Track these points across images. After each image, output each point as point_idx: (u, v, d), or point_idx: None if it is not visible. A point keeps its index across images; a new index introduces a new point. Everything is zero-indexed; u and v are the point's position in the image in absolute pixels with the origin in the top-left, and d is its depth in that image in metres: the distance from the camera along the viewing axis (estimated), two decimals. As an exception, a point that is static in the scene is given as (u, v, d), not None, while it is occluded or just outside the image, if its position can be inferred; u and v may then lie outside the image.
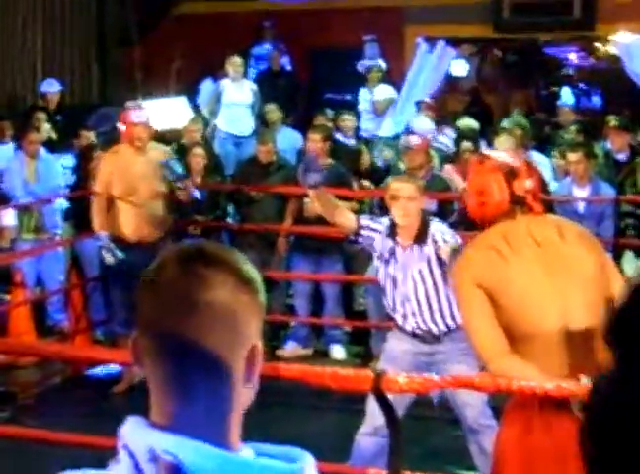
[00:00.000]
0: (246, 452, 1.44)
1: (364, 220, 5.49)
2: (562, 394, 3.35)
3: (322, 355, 8.19)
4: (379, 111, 11.02)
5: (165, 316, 1.41)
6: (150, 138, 7.53)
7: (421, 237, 5.31)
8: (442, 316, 5.30)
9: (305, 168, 5.35)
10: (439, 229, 5.35)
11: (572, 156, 8.09)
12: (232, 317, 1.42)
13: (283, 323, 8.64)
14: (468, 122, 10.21)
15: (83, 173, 8.46)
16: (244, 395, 1.46)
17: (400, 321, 5.36)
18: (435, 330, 5.30)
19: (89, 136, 9.44)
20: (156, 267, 1.45)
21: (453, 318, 5.27)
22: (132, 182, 7.34)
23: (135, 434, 1.41)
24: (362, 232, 5.40)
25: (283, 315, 8.52)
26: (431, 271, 5.29)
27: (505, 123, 9.82)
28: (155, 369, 1.43)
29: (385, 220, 5.43)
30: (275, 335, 8.48)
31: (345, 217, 5.46)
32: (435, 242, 5.26)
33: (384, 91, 11.25)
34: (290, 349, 8.27)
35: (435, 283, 5.31)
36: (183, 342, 1.40)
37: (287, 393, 6.29)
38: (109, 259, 7.35)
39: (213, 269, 1.43)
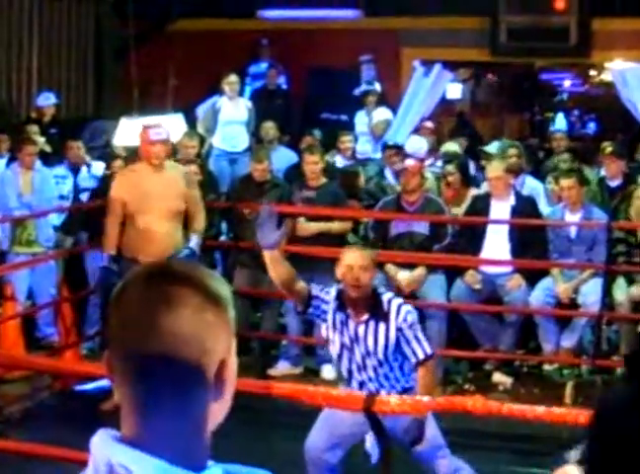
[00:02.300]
0: (214, 471, 1.44)
1: (315, 290, 5.26)
2: (551, 418, 3.35)
3: (313, 375, 8.17)
4: (377, 134, 11.03)
5: (129, 335, 1.42)
6: (168, 156, 7.37)
7: (377, 311, 5.18)
8: (396, 380, 5.26)
9: (260, 225, 5.00)
10: (395, 303, 5.21)
11: (565, 182, 8.11)
12: (197, 336, 1.41)
13: (275, 342, 8.62)
14: (451, 147, 10.28)
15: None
16: (215, 411, 1.46)
17: (349, 386, 5.30)
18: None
19: (78, 146, 9.45)
20: (122, 286, 1.46)
21: (407, 381, 5.28)
22: (146, 200, 7.16)
23: (100, 446, 1.42)
24: (313, 303, 5.22)
25: (275, 334, 8.51)
26: (386, 346, 5.17)
27: (495, 148, 9.87)
28: (122, 386, 1.43)
29: (333, 291, 5.26)
30: (266, 354, 8.47)
31: (299, 285, 5.22)
32: (396, 318, 5.14)
33: (382, 114, 11.27)
34: (281, 368, 8.25)
35: (388, 356, 5.20)
36: (147, 360, 1.40)
37: (277, 411, 6.29)
38: (110, 279, 7.26)
39: (178, 286, 1.43)
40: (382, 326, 5.16)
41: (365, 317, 5.18)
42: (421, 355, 5.16)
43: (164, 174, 7.29)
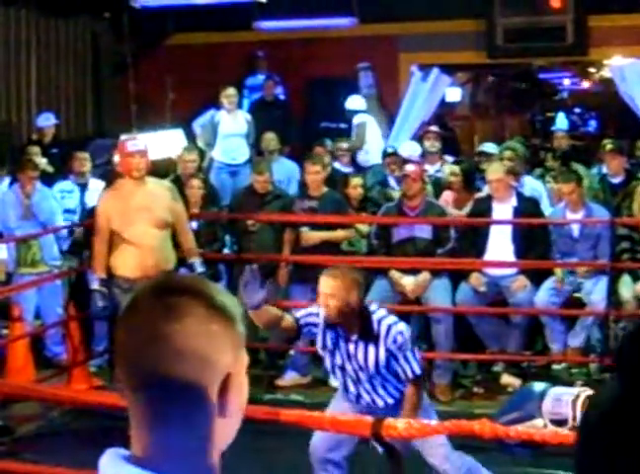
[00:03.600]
0: None
1: (303, 318, 5.28)
2: (558, 441, 3.33)
3: (321, 384, 8.17)
4: (358, 141, 10.96)
5: (136, 348, 1.42)
6: (149, 167, 7.27)
7: (366, 333, 5.19)
8: (393, 389, 5.30)
9: (245, 287, 4.94)
10: (385, 324, 5.21)
11: (564, 187, 8.12)
12: (201, 347, 1.41)
13: (282, 353, 8.63)
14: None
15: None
16: (222, 427, 1.44)
17: (354, 399, 5.36)
18: (381, 405, 5.30)
19: (85, 157, 9.44)
20: (130, 300, 1.46)
21: (400, 392, 5.30)
22: (131, 215, 7.09)
23: (108, 466, 1.42)
24: (303, 330, 5.26)
25: (282, 345, 8.52)
26: (377, 364, 5.20)
27: (495, 150, 9.89)
28: (131, 401, 1.43)
29: (322, 311, 5.24)
30: (273, 364, 8.48)
31: (286, 321, 5.25)
32: (385, 339, 5.16)
33: (358, 119, 11.20)
34: (289, 378, 8.26)
35: (380, 371, 5.23)
36: (152, 373, 1.40)
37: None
38: (99, 303, 7.27)
39: (184, 298, 1.43)
40: (372, 347, 5.19)
41: (355, 337, 5.21)
42: (410, 375, 5.20)
43: (148, 187, 7.23)
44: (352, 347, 5.22)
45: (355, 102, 11.34)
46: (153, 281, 1.49)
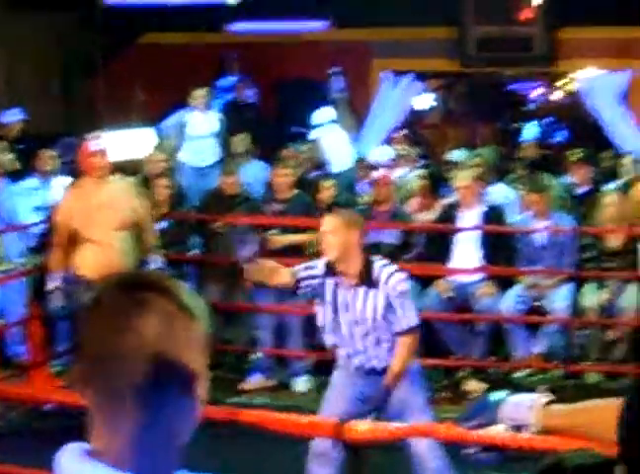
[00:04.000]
0: None
1: (300, 271, 5.37)
2: (518, 444, 3.34)
3: (286, 387, 8.16)
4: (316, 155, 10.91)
5: (100, 341, 1.41)
6: (110, 167, 7.27)
7: (366, 277, 5.24)
8: (388, 350, 5.30)
9: (239, 240, 5.20)
10: (387, 270, 5.27)
11: (531, 196, 8.18)
12: (167, 341, 1.41)
13: (247, 355, 8.61)
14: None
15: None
16: (183, 422, 1.45)
17: (341, 359, 5.38)
18: (378, 366, 5.32)
19: (49, 155, 9.37)
20: (95, 294, 1.46)
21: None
22: (93, 214, 7.06)
23: (66, 461, 1.42)
24: (302, 284, 5.32)
25: (247, 347, 8.50)
26: (375, 313, 5.24)
27: (463, 157, 9.94)
28: (92, 393, 1.43)
29: (320, 263, 5.35)
30: (238, 367, 8.46)
31: (282, 277, 5.34)
32: (385, 284, 5.20)
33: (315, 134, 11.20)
34: (254, 381, 8.23)
35: (376, 325, 5.26)
36: (117, 366, 1.40)
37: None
38: (56, 302, 7.23)
39: (150, 294, 1.43)
40: (371, 292, 5.22)
41: (355, 282, 5.23)
42: (404, 325, 5.22)
43: (110, 186, 7.21)
44: (350, 294, 5.23)
45: (317, 116, 11.28)
46: (118, 277, 1.49)
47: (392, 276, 5.23)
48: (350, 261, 5.21)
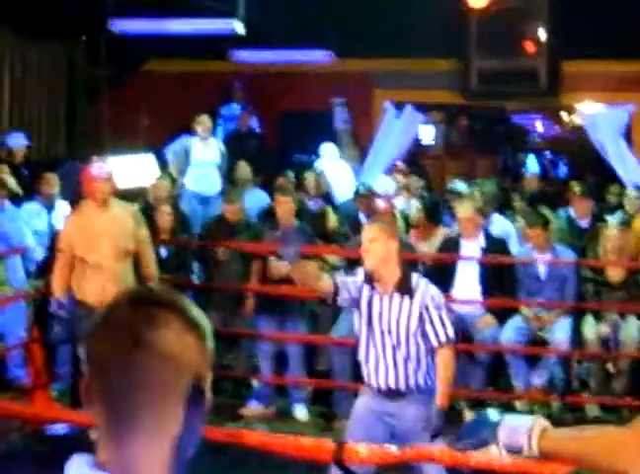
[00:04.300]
0: None
1: (340, 278, 5.42)
2: (517, 470, 3.35)
3: (285, 415, 8.15)
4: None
5: (111, 354, 1.44)
6: (113, 193, 7.29)
7: (403, 286, 5.27)
8: (415, 372, 5.27)
9: (282, 242, 5.26)
10: (424, 282, 5.32)
11: (531, 232, 8.20)
12: (176, 357, 1.44)
13: (246, 382, 8.61)
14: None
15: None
16: (187, 438, 1.47)
17: (367, 375, 5.34)
18: (402, 387, 5.27)
19: (53, 179, 9.39)
20: (107, 308, 1.49)
21: (424, 376, 5.29)
22: (94, 239, 7.07)
23: (74, 471, 1.44)
24: (340, 293, 5.29)
25: (247, 374, 8.50)
26: (408, 323, 5.24)
27: (465, 188, 9.98)
28: (101, 407, 1.45)
29: (360, 271, 5.39)
30: (237, 394, 8.45)
31: (323, 280, 5.35)
32: (423, 295, 5.23)
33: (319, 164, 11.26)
34: (253, 408, 8.22)
35: (408, 337, 5.26)
36: (127, 378, 1.43)
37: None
38: (57, 326, 7.23)
39: (161, 310, 1.46)
40: (407, 301, 5.23)
41: (392, 290, 5.26)
42: (443, 338, 5.20)
43: (111, 212, 7.21)
44: (386, 302, 5.25)
45: (322, 150, 11.36)
46: (129, 293, 1.52)
47: (430, 288, 5.29)
48: (389, 269, 5.26)
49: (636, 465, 2.07)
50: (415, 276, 5.35)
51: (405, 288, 5.25)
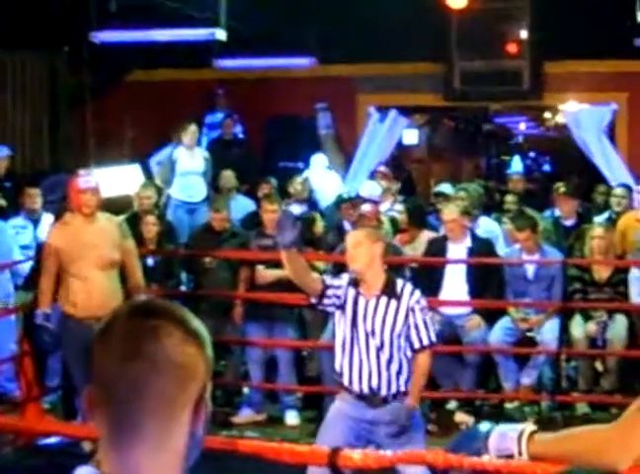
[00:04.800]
0: None
1: (328, 280, 5.44)
2: (510, 470, 3.38)
3: (276, 421, 8.17)
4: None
5: (113, 365, 1.46)
6: (99, 205, 7.23)
7: (389, 289, 5.32)
8: (397, 375, 5.31)
9: (280, 227, 5.26)
10: (409, 286, 5.38)
11: (519, 235, 8.23)
12: (178, 367, 1.47)
13: (237, 389, 8.63)
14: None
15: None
16: (191, 446, 1.50)
17: (349, 380, 5.36)
18: (384, 390, 5.30)
19: (36, 194, 9.37)
20: (108, 319, 1.52)
21: (405, 380, 5.33)
22: (80, 251, 7.03)
23: None
24: (328, 292, 5.32)
25: (237, 381, 8.52)
26: (394, 325, 5.28)
27: (451, 190, 10.01)
28: (104, 420, 1.47)
29: (346, 275, 5.43)
30: (229, 401, 8.47)
31: (312, 279, 5.40)
32: (409, 298, 5.29)
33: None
34: (244, 415, 8.24)
35: (392, 339, 5.30)
36: (130, 391, 1.45)
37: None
38: (46, 338, 7.22)
39: (161, 320, 1.48)
40: (393, 303, 5.29)
41: (378, 292, 5.30)
42: (425, 341, 5.31)
43: (97, 224, 7.17)
44: (372, 304, 5.29)
45: (313, 160, 11.40)
46: (129, 304, 1.57)
47: (415, 291, 5.36)
48: (374, 273, 5.31)
49: (622, 460, 2.12)
50: (400, 280, 5.43)
51: (391, 292, 5.31)
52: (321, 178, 11.07)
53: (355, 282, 5.35)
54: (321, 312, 6.27)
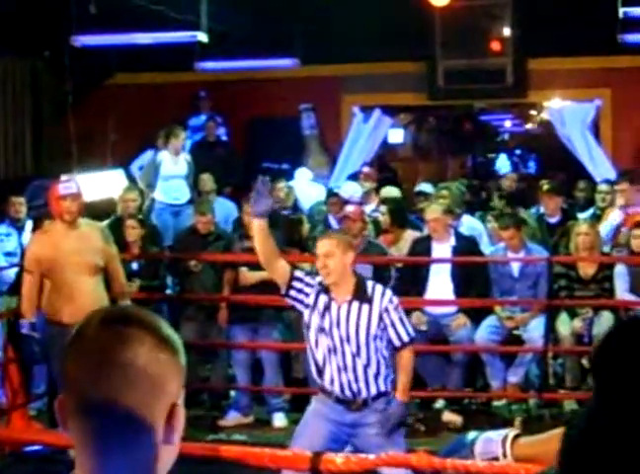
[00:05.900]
0: None
1: (299, 272, 5.45)
2: (493, 472, 3.38)
3: (263, 424, 8.15)
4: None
5: (86, 373, 1.44)
6: (81, 211, 7.14)
7: (360, 293, 5.32)
8: (375, 377, 5.31)
9: (256, 194, 5.19)
10: (379, 287, 5.39)
11: (505, 234, 8.22)
12: (151, 375, 1.45)
13: (224, 393, 8.60)
14: (389, 190, 10.41)
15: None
16: (165, 455, 1.48)
17: (328, 383, 5.34)
18: (363, 394, 5.30)
19: (20, 202, 9.34)
20: (79, 327, 1.49)
21: (384, 381, 5.32)
22: (63, 259, 6.96)
23: None
24: (295, 284, 5.32)
25: (224, 385, 8.49)
26: (368, 328, 5.28)
27: (430, 189, 10.01)
28: (77, 428, 1.45)
29: (318, 278, 5.42)
30: (216, 405, 8.44)
31: (280, 265, 5.36)
32: (381, 300, 5.29)
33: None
34: (231, 418, 8.22)
35: (368, 343, 5.29)
36: (102, 399, 1.43)
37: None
38: (34, 348, 7.17)
39: (133, 328, 1.46)
40: (366, 307, 5.28)
41: (349, 298, 5.29)
42: (405, 338, 5.33)
43: (79, 230, 7.09)
44: (344, 310, 5.28)
45: (297, 173, 11.37)
46: (100, 312, 1.52)
47: (386, 292, 5.38)
48: (344, 281, 5.30)
49: None
50: (370, 282, 5.44)
51: (362, 295, 5.31)
52: (305, 190, 11.04)
53: (325, 288, 5.34)
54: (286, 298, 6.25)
